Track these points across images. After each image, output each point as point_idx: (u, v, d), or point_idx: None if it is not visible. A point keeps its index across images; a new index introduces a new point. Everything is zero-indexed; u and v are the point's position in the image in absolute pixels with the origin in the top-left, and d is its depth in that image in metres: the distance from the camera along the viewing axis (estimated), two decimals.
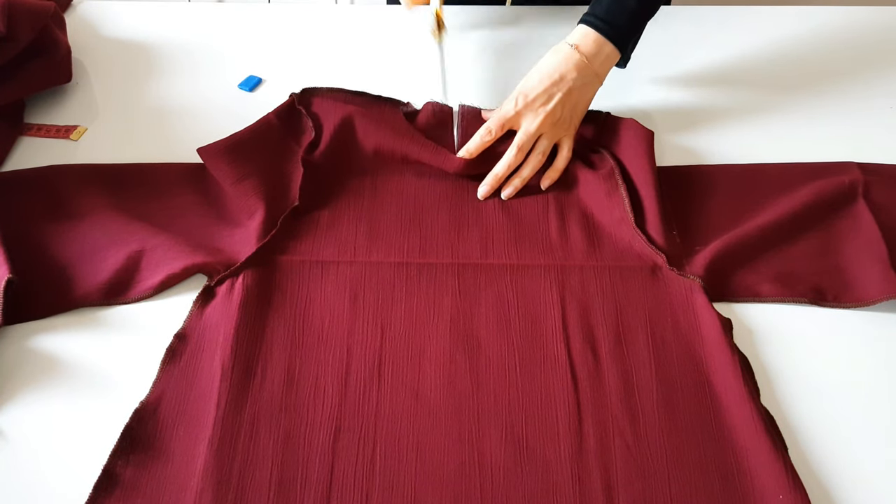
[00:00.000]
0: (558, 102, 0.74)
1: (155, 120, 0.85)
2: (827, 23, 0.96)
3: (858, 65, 0.91)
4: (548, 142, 0.76)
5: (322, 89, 0.82)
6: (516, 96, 0.75)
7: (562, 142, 0.76)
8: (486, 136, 0.75)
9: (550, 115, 0.74)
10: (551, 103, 0.74)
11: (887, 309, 0.66)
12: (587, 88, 0.76)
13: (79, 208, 0.72)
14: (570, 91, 0.75)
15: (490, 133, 0.75)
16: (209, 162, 0.75)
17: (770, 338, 0.64)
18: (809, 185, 0.74)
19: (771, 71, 0.90)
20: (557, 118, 0.75)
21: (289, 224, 0.71)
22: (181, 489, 0.54)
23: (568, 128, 0.76)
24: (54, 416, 0.59)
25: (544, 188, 0.75)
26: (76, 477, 0.55)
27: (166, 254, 0.68)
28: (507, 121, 0.75)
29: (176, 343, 0.63)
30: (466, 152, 0.75)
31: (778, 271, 0.68)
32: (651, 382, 0.60)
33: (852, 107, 0.85)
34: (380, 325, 0.64)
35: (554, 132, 0.76)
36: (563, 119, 0.75)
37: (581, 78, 0.75)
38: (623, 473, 0.55)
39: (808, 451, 0.57)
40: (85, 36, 0.95)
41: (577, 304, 0.65)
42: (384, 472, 0.55)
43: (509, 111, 0.75)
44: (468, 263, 0.69)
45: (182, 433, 0.57)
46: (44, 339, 0.64)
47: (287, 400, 0.59)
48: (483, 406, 0.59)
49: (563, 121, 0.75)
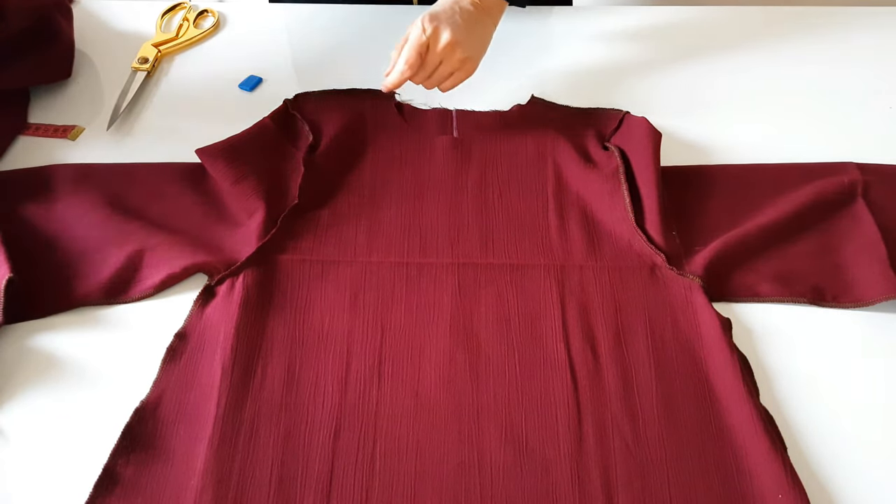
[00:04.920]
0: (462, 23, 0.75)
1: (155, 120, 0.85)
2: (827, 23, 0.97)
3: (858, 65, 0.91)
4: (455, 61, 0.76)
5: (314, 93, 0.83)
6: (422, 22, 0.75)
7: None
8: (407, 72, 0.75)
9: (455, 31, 0.74)
10: (456, 21, 0.75)
11: (887, 309, 0.66)
12: (481, 25, 0.78)
13: (79, 207, 0.72)
14: (471, 16, 0.76)
15: (409, 66, 0.74)
16: (208, 163, 0.75)
17: (769, 338, 0.64)
18: (809, 186, 0.74)
19: (770, 71, 0.90)
20: (460, 38, 0.75)
21: (289, 223, 0.71)
22: (181, 488, 0.54)
23: (465, 59, 0.76)
24: (55, 415, 0.59)
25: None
26: (76, 476, 0.55)
27: (166, 253, 0.68)
28: (421, 45, 0.74)
29: (176, 342, 0.63)
30: (386, 88, 0.76)
31: (777, 271, 0.68)
32: (650, 382, 0.60)
33: (852, 107, 0.85)
34: (380, 325, 0.64)
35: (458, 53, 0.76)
36: (464, 43, 0.75)
37: (476, 13, 0.77)
38: (622, 473, 0.55)
39: (807, 451, 0.57)
40: (84, 35, 0.95)
41: (577, 303, 0.66)
42: (384, 471, 0.55)
43: (420, 36, 0.74)
44: (468, 263, 0.69)
45: (182, 432, 0.57)
46: (44, 339, 0.64)
47: (287, 399, 0.59)
48: (483, 405, 0.59)
49: (463, 45, 0.75)
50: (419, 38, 0.74)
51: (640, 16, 0.99)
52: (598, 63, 0.91)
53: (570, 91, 0.86)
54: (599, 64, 0.91)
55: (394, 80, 0.75)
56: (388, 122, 0.81)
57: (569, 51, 0.93)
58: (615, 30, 0.96)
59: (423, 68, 0.75)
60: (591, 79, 0.89)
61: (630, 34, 0.96)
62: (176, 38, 0.95)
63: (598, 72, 0.90)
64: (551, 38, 0.96)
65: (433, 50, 0.75)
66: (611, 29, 0.97)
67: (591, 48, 0.94)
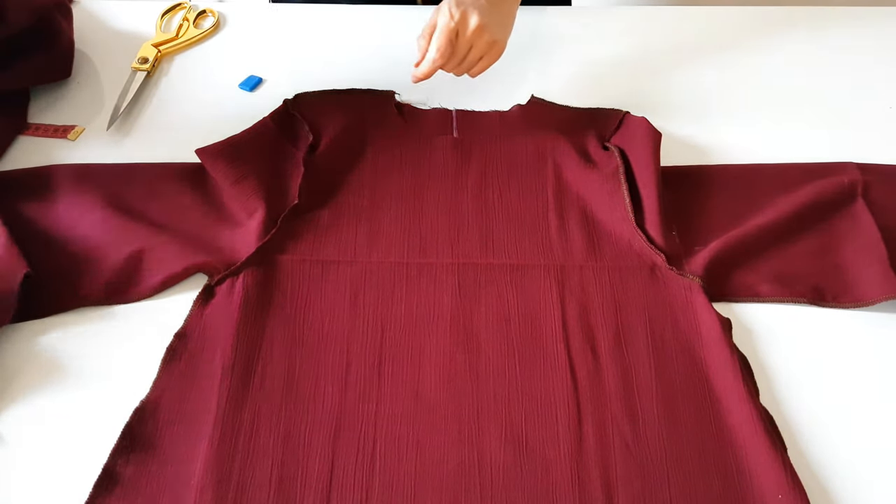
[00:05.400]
0: (487, 6, 0.74)
1: (155, 120, 0.85)
2: (826, 23, 0.97)
3: (858, 65, 0.91)
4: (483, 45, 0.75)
5: (313, 93, 0.83)
6: (448, 8, 0.74)
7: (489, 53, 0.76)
8: (439, 60, 0.74)
9: (482, 15, 0.73)
10: (481, 4, 0.73)
11: (886, 309, 0.66)
12: (506, 5, 0.77)
13: (79, 208, 0.72)
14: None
15: (441, 54, 0.73)
16: (208, 163, 0.75)
17: (769, 338, 0.64)
18: (809, 186, 0.74)
19: (770, 70, 0.90)
20: (487, 21, 0.73)
21: (289, 224, 0.71)
22: (181, 488, 0.54)
23: (494, 42, 0.75)
24: (54, 415, 0.59)
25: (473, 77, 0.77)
26: (76, 476, 0.55)
27: (167, 254, 0.68)
28: (451, 31, 0.73)
29: (176, 342, 0.63)
30: (416, 78, 0.75)
31: (777, 271, 0.68)
32: (650, 382, 0.60)
33: (852, 107, 0.85)
34: (380, 325, 0.64)
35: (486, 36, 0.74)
36: (491, 26, 0.74)
37: None
38: (622, 473, 0.55)
39: (807, 451, 0.57)
40: (84, 35, 0.95)
41: (577, 303, 0.66)
42: (384, 470, 0.55)
43: (449, 23, 0.73)
44: (468, 263, 0.69)
45: (182, 432, 0.57)
46: (44, 339, 0.64)
47: (287, 399, 0.59)
48: (483, 405, 0.59)
49: (490, 28, 0.74)
50: (448, 24, 0.72)
51: (639, 16, 0.99)
52: (597, 63, 0.91)
53: (569, 91, 0.86)
54: (599, 64, 0.91)
55: (426, 69, 0.74)
56: (388, 122, 0.81)
57: (568, 51, 0.93)
58: (615, 30, 0.96)
59: (454, 55, 0.74)
60: (590, 79, 0.89)
61: (630, 34, 0.96)
62: (176, 38, 0.95)
63: (598, 72, 0.90)
64: (551, 38, 0.96)
65: (462, 35, 0.73)
66: (610, 29, 0.97)
67: (591, 48, 0.94)
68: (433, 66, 0.74)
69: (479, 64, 0.76)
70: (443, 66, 0.75)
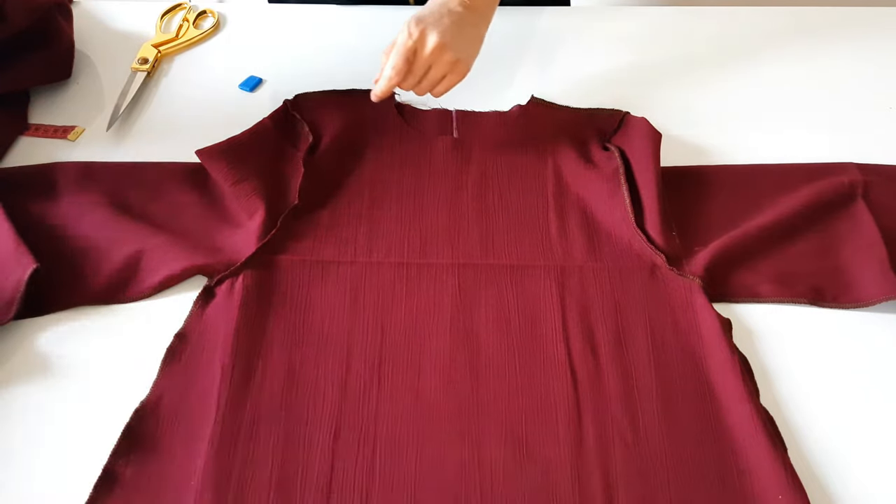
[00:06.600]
0: (450, 24, 0.73)
1: (155, 120, 0.85)
2: (826, 23, 0.97)
3: (858, 65, 0.91)
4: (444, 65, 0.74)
5: (314, 94, 0.83)
6: (408, 26, 0.73)
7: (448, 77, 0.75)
8: (395, 78, 0.73)
9: (443, 33, 0.72)
10: (444, 23, 0.72)
11: (886, 309, 0.66)
12: (471, 26, 0.75)
13: (78, 207, 0.72)
14: (460, 17, 0.74)
15: (396, 71, 0.72)
16: (208, 164, 0.75)
17: (769, 338, 0.64)
18: (809, 186, 0.74)
19: (770, 71, 0.90)
20: (448, 40, 0.72)
21: (289, 224, 0.71)
22: (181, 488, 0.54)
23: (456, 62, 0.74)
24: (54, 416, 0.59)
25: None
26: (76, 476, 0.55)
27: (166, 254, 0.68)
28: (408, 50, 0.72)
29: (176, 343, 0.63)
30: (376, 96, 0.75)
31: (777, 271, 0.68)
32: (651, 382, 0.60)
33: (852, 107, 0.85)
34: (380, 325, 0.64)
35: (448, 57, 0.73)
36: (453, 44, 0.73)
37: (465, 13, 0.74)
38: (623, 473, 0.55)
39: (808, 452, 0.57)
40: (84, 35, 0.95)
41: (577, 304, 0.66)
42: (384, 471, 0.55)
43: (406, 41, 0.72)
44: (468, 263, 0.69)
45: (182, 432, 0.57)
46: (44, 339, 0.64)
47: (287, 400, 0.59)
48: (483, 406, 0.59)
49: (452, 46, 0.73)
50: (405, 42, 0.72)
51: (639, 16, 0.99)
52: (597, 63, 0.91)
53: (569, 91, 0.86)
54: (599, 64, 0.91)
55: (381, 87, 0.74)
56: (387, 123, 0.81)
57: (568, 51, 0.93)
58: (614, 30, 0.96)
59: (411, 73, 0.73)
60: (590, 79, 0.89)
61: (629, 34, 0.96)
62: (176, 39, 0.95)
63: (598, 72, 0.90)
64: (551, 39, 0.96)
65: (421, 54, 0.73)
66: (610, 29, 0.97)
67: (591, 48, 0.94)
68: (389, 83, 0.73)
69: (441, 83, 0.75)
70: (399, 84, 0.74)
